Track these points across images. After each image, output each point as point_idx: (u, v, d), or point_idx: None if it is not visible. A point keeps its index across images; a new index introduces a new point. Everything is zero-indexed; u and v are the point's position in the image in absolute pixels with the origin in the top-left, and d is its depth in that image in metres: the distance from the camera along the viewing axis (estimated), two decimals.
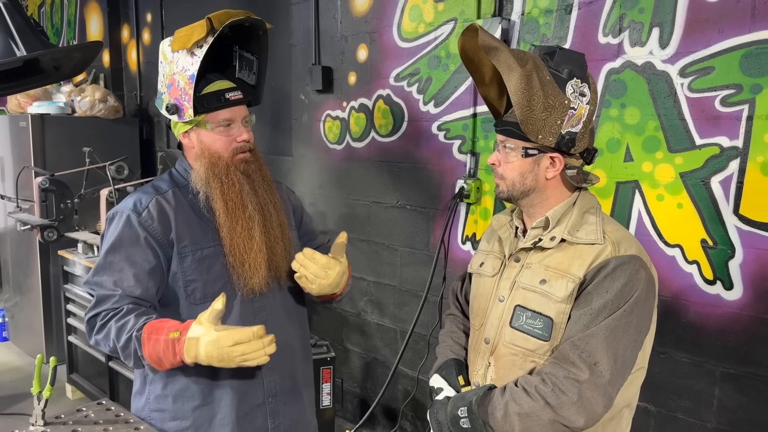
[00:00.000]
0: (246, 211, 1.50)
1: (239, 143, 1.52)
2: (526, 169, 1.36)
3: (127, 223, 1.47)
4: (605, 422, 1.32)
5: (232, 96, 1.49)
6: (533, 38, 2.37)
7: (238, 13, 1.45)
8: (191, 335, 1.32)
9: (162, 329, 1.34)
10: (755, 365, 1.94)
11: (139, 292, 1.44)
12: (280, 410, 1.62)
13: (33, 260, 4.22)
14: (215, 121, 1.49)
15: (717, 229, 1.98)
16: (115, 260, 1.45)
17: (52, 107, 4.20)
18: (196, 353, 1.32)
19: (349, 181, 3.21)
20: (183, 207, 1.52)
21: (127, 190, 3.29)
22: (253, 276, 1.50)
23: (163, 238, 1.47)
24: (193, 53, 1.42)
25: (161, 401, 1.54)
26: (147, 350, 1.34)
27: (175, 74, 1.46)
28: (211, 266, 1.50)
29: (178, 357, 1.33)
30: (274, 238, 1.55)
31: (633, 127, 2.13)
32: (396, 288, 3.06)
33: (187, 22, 1.50)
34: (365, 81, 3.04)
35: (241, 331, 1.31)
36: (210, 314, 1.33)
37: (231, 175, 1.50)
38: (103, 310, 1.43)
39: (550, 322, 1.31)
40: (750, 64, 1.86)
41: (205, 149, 1.51)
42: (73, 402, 3.78)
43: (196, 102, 1.44)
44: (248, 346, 1.31)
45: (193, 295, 1.49)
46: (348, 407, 3.43)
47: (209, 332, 1.31)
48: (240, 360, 1.32)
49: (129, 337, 1.36)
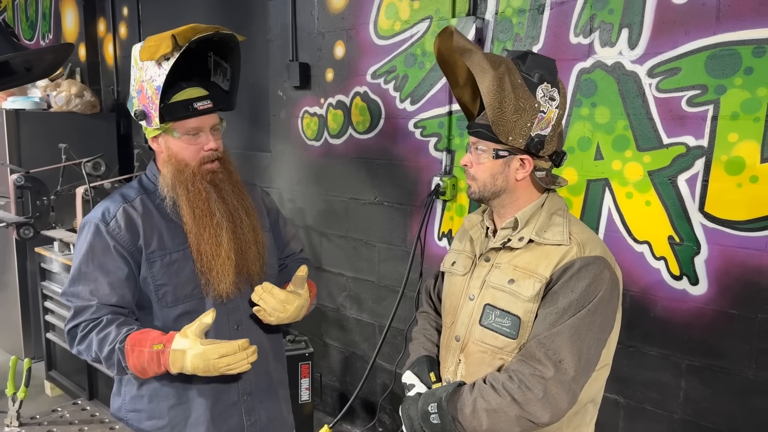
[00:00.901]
0: (213, 218, 1.52)
1: (206, 152, 1.53)
2: (496, 170, 1.39)
3: (97, 233, 1.49)
4: (570, 417, 1.36)
5: (200, 105, 1.50)
6: (507, 37, 2.40)
7: (206, 28, 1.46)
8: (176, 347, 1.37)
9: (145, 341, 1.39)
10: (719, 358, 2.00)
11: (115, 299, 1.47)
12: (256, 408, 1.65)
13: (9, 257, 4.18)
14: (183, 129, 1.50)
15: (683, 226, 2.03)
16: (88, 270, 1.48)
17: (27, 102, 4.14)
18: (182, 364, 1.37)
19: (327, 178, 3.23)
20: (151, 213, 1.54)
21: (104, 186, 3.28)
22: (221, 282, 1.53)
23: (131, 245, 1.50)
24: (161, 65, 1.43)
25: (137, 401, 1.57)
26: (131, 361, 1.39)
27: (144, 81, 1.47)
28: (181, 270, 1.52)
29: (162, 368, 1.38)
30: (245, 243, 1.57)
31: (603, 126, 2.18)
32: (374, 283, 3.09)
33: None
34: (342, 78, 3.05)
35: (227, 345, 1.37)
36: (197, 327, 1.38)
37: (197, 183, 1.52)
38: (83, 321, 1.46)
39: (518, 320, 1.35)
40: (715, 66, 1.91)
41: (172, 156, 1.52)
42: (51, 399, 3.76)
43: (163, 110, 1.46)
44: (233, 358, 1.38)
45: (164, 299, 1.52)
46: (327, 401, 3.47)
47: (196, 345, 1.36)
48: (224, 370, 1.38)
49: (112, 348, 1.40)
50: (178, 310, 1.52)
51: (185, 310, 1.53)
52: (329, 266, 3.31)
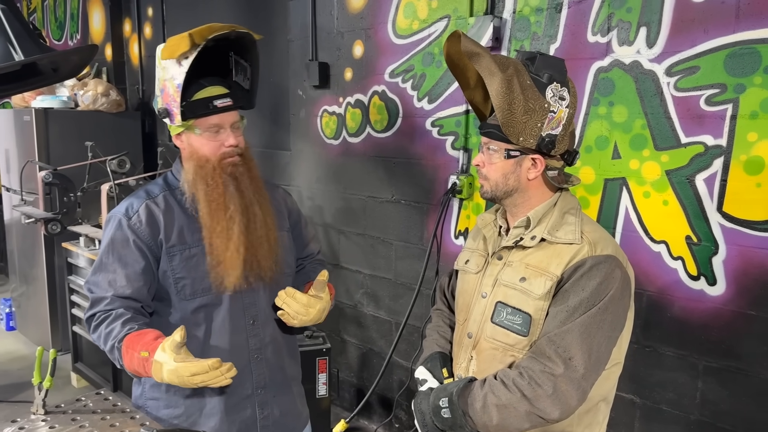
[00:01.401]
0: (227, 211, 1.56)
1: (227, 148, 1.56)
2: (508, 170, 1.40)
3: (119, 227, 1.55)
4: (581, 415, 1.37)
5: (220, 103, 1.53)
6: (524, 36, 2.41)
7: (222, 27, 1.49)
8: (157, 359, 1.39)
9: (137, 345, 1.42)
10: (737, 359, 1.98)
11: (130, 291, 1.52)
12: (270, 401, 1.68)
13: (38, 251, 4.30)
14: (204, 126, 1.54)
15: (701, 226, 2.02)
16: (108, 261, 1.54)
17: (56, 101, 4.25)
18: (161, 377, 1.40)
19: (345, 176, 3.26)
20: (173, 209, 1.59)
21: (129, 183, 3.35)
22: (228, 275, 1.55)
23: (151, 240, 1.55)
24: (180, 63, 1.47)
25: (155, 390, 1.62)
26: (126, 362, 1.44)
27: (165, 80, 1.51)
28: (199, 264, 1.57)
29: (149, 374, 1.42)
30: (257, 238, 1.60)
31: (621, 125, 2.17)
32: (391, 281, 3.11)
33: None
34: (361, 77, 3.08)
35: (198, 364, 1.37)
36: (171, 344, 1.38)
37: (216, 177, 1.55)
38: (97, 312, 1.52)
39: (529, 318, 1.36)
40: (734, 64, 1.90)
41: (193, 152, 1.57)
42: (77, 390, 3.87)
43: (185, 108, 1.50)
44: (206, 376, 1.38)
45: (183, 292, 1.56)
46: (345, 396, 3.50)
47: (169, 361, 1.37)
48: (202, 386, 1.39)
49: (113, 345, 1.46)
50: (195, 303, 1.57)
51: (203, 303, 1.58)
52: (347, 263, 3.34)
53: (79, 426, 1.48)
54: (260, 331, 1.66)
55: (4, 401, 3.59)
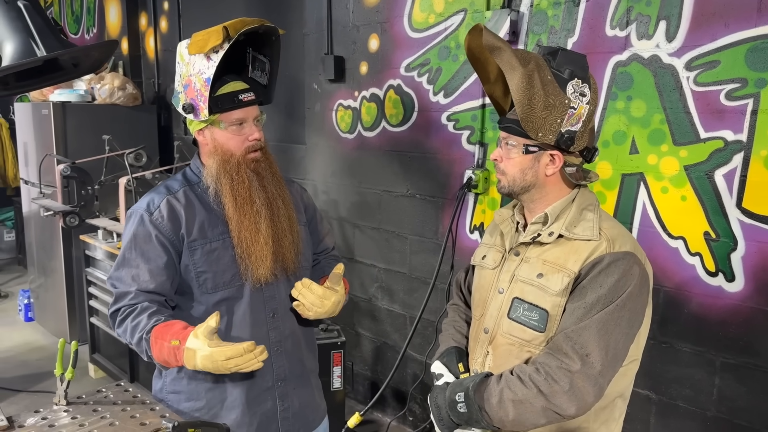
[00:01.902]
0: (254, 206, 1.58)
1: (251, 142, 1.59)
2: (526, 165, 1.40)
3: (141, 222, 1.57)
4: (598, 411, 1.37)
5: (245, 97, 1.56)
6: (542, 30, 2.39)
7: (252, 21, 1.52)
8: (189, 346, 1.41)
9: (166, 335, 1.45)
10: (755, 356, 1.97)
11: (153, 286, 1.54)
12: (289, 393, 1.71)
13: (56, 244, 4.36)
14: (228, 121, 1.56)
15: (720, 222, 2.00)
16: (131, 257, 1.57)
17: (73, 95, 4.29)
18: (194, 363, 1.42)
19: (360, 170, 3.27)
20: (193, 204, 1.61)
21: (145, 177, 3.38)
22: (260, 267, 1.58)
23: (173, 235, 1.57)
24: (210, 58, 1.49)
25: (177, 383, 1.64)
26: (155, 352, 1.46)
27: (191, 76, 1.53)
28: (220, 258, 1.59)
29: (180, 363, 1.44)
30: (281, 231, 1.63)
31: (639, 119, 2.15)
32: (405, 275, 3.12)
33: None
34: (376, 71, 3.08)
35: (233, 348, 1.40)
36: (205, 329, 1.41)
37: (241, 172, 1.58)
38: (122, 306, 1.54)
39: (546, 314, 1.36)
40: (755, 59, 1.87)
41: (218, 147, 1.58)
42: (95, 381, 3.93)
43: (211, 103, 1.52)
44: (241, 360, 1.40)
45: (204, 285, 1.59)
46: (359, 389, 3.53)
47: (203, 347, 1.40)
48: (234, 370, 1.42)
49: (140, 337, 1.48)
50: (217, 296, 1.59)
51: (224, 296, 1.60)
52: (362, 257, 3.35)
53: (100, 417, 1.51)
54: (280, 324, 1.68)
55: (23, 391, 3.65)
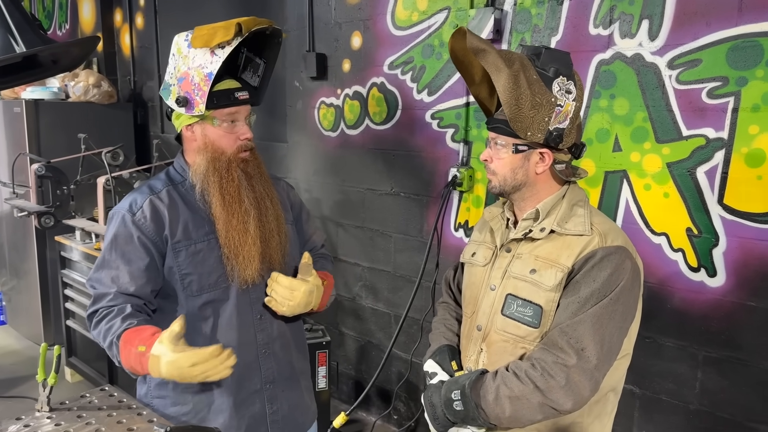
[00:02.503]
0: (242, 205, 1.55)
1: (242, 141, 1.57)
2: (516, 164, 1.41)
3: (123, 223, 1.53)
4: (591, 405, 1.38)
5: (240, 95, 1.55)
6: (525, 28, 2.41)
7: (264, 21, 1.52)
8: (154, 353, 1.35)
9: (134, 340, 1.39)
10: (736, 349, 2.01)
11: (133, 288, 1.50)
12: (278, 396, 1.68)
13: (29, 245, 4.25)
14: (222, 118, 1.54)
15: (702, 218, 2.04)
16: (112, 258, 1.52)
17: (46, 92, 4.19)
18: (159, 371, 1.35)
19: (343, 168, 3.25)
20: (177, 204, 1.57)
21: (123, 177, 3.32)
22: (247, 267, 1.55)
23: (156, 236, 1.52)
24: (214, 53, 1.46)
25: (162, 388, 1.60)
26: (123, 358, 1.41)
27: (190, 69, 1.50)
28: (206, 259, 1.55)
29: (145, 370, 1.37)
30: (269, 232, 1.60)
31: (622, 117, 2.18)
32: (390, 273, 3.12)
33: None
34: (359, 68, 3.07)
35: (199, 353, 1.34)
36: (169, 335, 1.35)
37: (231, 171, 1.55)
38: (100, 308, 1.50)
39: (540, 309, 1.37)
40: (736, 57, 1.91)
41: (209, 144, 1.55)
42: (72, 385, 3.84)
43: (208, 98, 1.49)
44: (207, 365, 1.34)
45: (189, 288, 1.55)
46: (343, 389, 3.51)
47: (168, 353, 1.33)
48: (201, 377, 1.35)
49: (111, 341, 1.43)
50: (202, 299, 1.55)
51: (210, 298, 1.56)
52: (345, 256, 3.34)
53: (85, 423, 1.46)
54: (268, 326, 1.65)
55: None
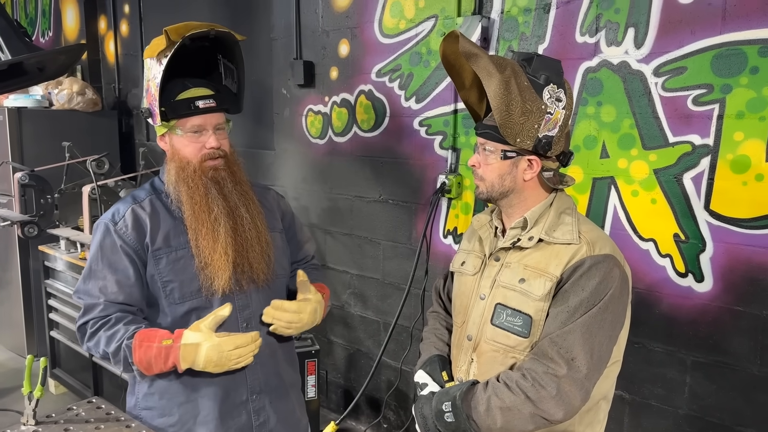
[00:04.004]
0: (211, 214, 1.54)
1: (207, 150, 1.55)
2: (504, 171, 1.41)
3: (106, 233, 1.54)
4: (583, 414, 1.38)
5: (202, 104, 1.52)
6: (512, 36, 2.42)
7: (200, 25, 1.49)
8: (188, 341, 1.42)
9: (155, 337, 1.44)
10: (724, 354, 2.02)
11: (122, 297, 1.51)
12: (265, 408, 1.66)
13: (12, 255, 4.18)
14: (185, 128, 1.53)
15: (689, 224, 2.05)
16: (98, 268, 1.53)
17: (29, 100, 4.14)
18: (194, 358, 1.42)
19: (331, 176, 3.24)
20: (159, 213, 1.57)
21: (108, 185, 3.28)
22: (217, 277, 1.53)
23: (137, 244, 1.53)
24: (160, 62, 1.46)
25: (149, 399, 1.60)
26: (137, 356, 1.43)
27: (149, 80, 1.51)
28: (186, 267, 1.54)
29: (170, 363, 1.42)
30: (246, 241, 1.58)
31: (609, 124, 2.19)
32: (379, 281, 3.10)
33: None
34: (347, 76, 3.06)
35: (242, 337, 1.46)
36: (211, 321, 1.44)
37: (197, 179, 1.55)
38: (92, 319, 1.50)
39: (530, 319, 1.37)
40: (720, 65, 1.93)
41: (175, 153, 1.56)
42: (56, 397, 3.78)
43: (167, 108, 1.50)
44: (245, 349, 1.45)
45: (171, 296, 1.54)
46: (332, 398, 3.49)
47: (210, 338, 1.42)
48: (235, 363, 1.44)
49: (119, 345, 1.45)
50: (185, 306, 1.54)
51: (192, 306, 1.55)
52: (334, 264, 3.32)
53: None
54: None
55: None
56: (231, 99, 1.65)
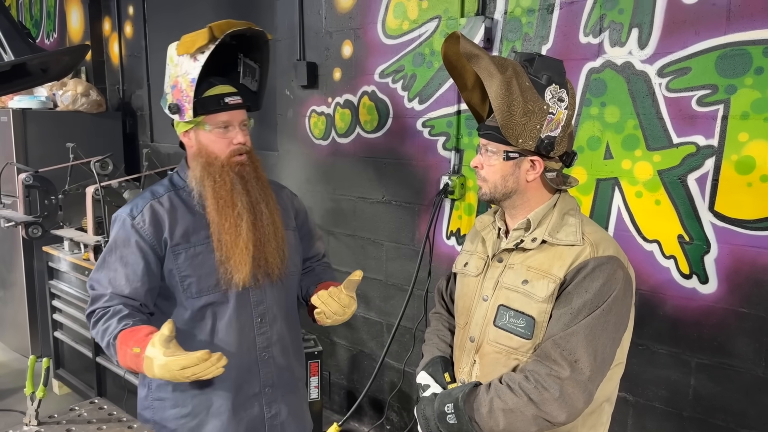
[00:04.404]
0: (235, 209, 1.57)
1: (235, 145, 1.59)
2: (507, 171, 1.40)
3: (123, 226, 1.57)
4: (586, 416, 1.38)
5: (230, 100, 1.56)
6: (516, 37, 2.41)
7: (240, 23, 1.54)
8: (147, 354, 1.39)
9: (130, 341, 1.43)
10: (728, 356, 2.01)
11: (128, 291, 1.53)
12: (277, 400, 1.70)
13: (17, 255, 4.20)
14: (213, 123, 1.57)
15: (693, 225, 2.04)
16: (111, 260, 1.56)
17: (34, 101, 4.15)
18: (153, 372, 1.39)
19: (334, 177, 3.24)
20: (178, 208, 1.60)
21: (112, 186, 3.28)
22: (238, 272, 1.57)
23: (155, 240, 1.56)
24: (196, 58, 1.50)
25: (162, 390, 1.63)
26: (120, 358, 1.45)
27: (179, 76, 1.53)
28: (204, 262, 1.58)
29: (141, 370, 1.42)
30: (264, 236, 1.62)
31: (613, 125, 2.18)
32: (382, 282, 3.10)
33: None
34: (350, 77, 3.06)
35: (188, 357, 1.36)
36: (159, 338, 1.38)
37: (224, 174, 1.57)
38: (97, 308, 1.54)
39: (533, 321, 1.36)
40: (725, 66, 1.92)
41: (202, 149, 1.58)
42: (60, 397, 3.78)
43: (196, 104, 1.53)
44: (197, 368, 1.36)
45: (189, 290, 1.57)
46: (335, 399, 3.48)
47: (159, 357, 1.36)
48: (193, 378, 1.38)
49: (108, 342, 1.48)
50: (202, 301, 1.58)
51: (209, 301, 1.59)
52: (337, 265, 3.31)
53: None
54: (268, 330, 1.67)
55: None
56: (250, 96, 1.68)
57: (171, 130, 1.66)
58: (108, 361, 3.27)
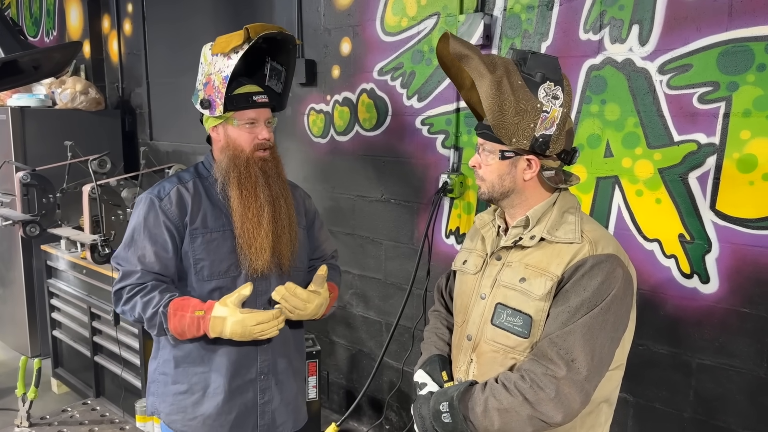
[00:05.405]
0: (258, 200, 1.68)
1: (260, 141, 1.69)
2: (503, 171, 1.39)
3: (151, 206, 1.67)
4: (584, 416, 1.36)
5: (258, 99, 1.68)
6: (515, 34, 2.39)
7: (272, 27, 1.65)
8: (216, 314, 1.57)
9: (187, 307, 1.58)
10: (729, 356, 1.99)
11: (158, 268, 1.64)
12: (271, 388, 1.78)
13: (15, 254, 4.18)
14: (242, 119, 1.67)
15: (694, 224, 2.02)
16: (139, 238, 1.66)
17: (33, 99, 4.14)
18: (222, 330, 1.57)
19: (333, 175, 3.22)
20: (200, 195, 1.71)
21: (110, 184, 3.26)
22: (258, 258, 1.68)
23: (179, 221, 1.66)
24: (230, 57, 1.61)
25: (166, 365, 1.74)
26: (173, 324, 1.58)
27: (212, 74, 1.65)
28: (219, 248, 1.68)
29: (201, 331, 1.58)
30: (281, 228, 1.72)
31: (613, 123, 2.16)
32: (381, 281, 3.08)
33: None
34: (349, 75, 3.04)
35: (263, 314, 1.59)
36: (236, 298, 1.58)
37: (249, 168, 1.68)
38: (129, 285, 1.64)
39: (530, 319, 1.34)
40: (727, 62, 1.89)
41: (230, 143, 1.69)
42: (58, 396, 3.75)
43: (227, 100, 1.64)
44: (267, 326, 1.60)
45: (201, 273, 1.67)
46: (334, 399, 3.46)
47: (235, 314, 1.56)
48: (258, 335, 1.59)
49: (155, 311, 1.58)
50: (212, 284, 1.68)
51: (218, 285, 1.68)
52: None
53: None
54: None
55: None
56: (275, 96, 1.79)
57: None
58: (106, 360, 3.24)
